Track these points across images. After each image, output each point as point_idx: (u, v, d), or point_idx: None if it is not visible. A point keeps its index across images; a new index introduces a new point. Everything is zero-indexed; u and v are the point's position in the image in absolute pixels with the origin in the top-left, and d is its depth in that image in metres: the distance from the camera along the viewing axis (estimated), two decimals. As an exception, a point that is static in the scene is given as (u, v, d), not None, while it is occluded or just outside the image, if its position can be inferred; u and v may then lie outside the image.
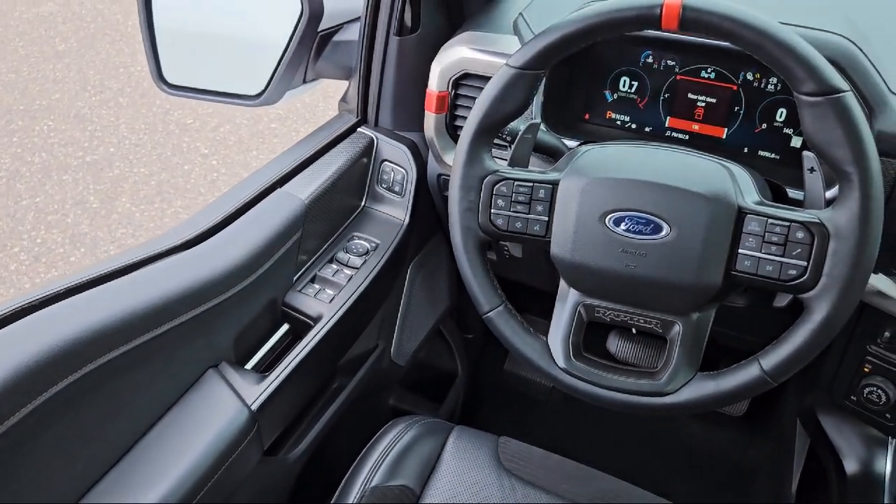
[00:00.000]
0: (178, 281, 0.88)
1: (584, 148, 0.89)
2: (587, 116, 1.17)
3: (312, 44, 1.20)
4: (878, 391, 1.00)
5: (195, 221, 0.99)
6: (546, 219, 0.87)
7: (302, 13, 1.15)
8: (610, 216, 0.83)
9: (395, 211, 1.25)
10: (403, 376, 1.42)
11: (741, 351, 0.95)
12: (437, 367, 1.63)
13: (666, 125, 1.12)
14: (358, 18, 1.22)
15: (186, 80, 1.21)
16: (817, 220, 0.76)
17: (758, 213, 0.78)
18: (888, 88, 0.91)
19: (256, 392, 0.96)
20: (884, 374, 0.99)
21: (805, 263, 0.76)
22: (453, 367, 1.64)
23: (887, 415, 1.01)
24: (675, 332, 0.85)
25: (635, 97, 1.13)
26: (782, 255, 0.77)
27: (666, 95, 1.11)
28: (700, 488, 1.62)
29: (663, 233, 0.81)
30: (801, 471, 1.25)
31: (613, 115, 1.16)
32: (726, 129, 1.09)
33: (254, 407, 0.94)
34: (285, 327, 1.10)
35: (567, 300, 0.89)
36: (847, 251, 0.74)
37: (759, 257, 0.78)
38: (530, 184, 0.87)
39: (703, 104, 1.09)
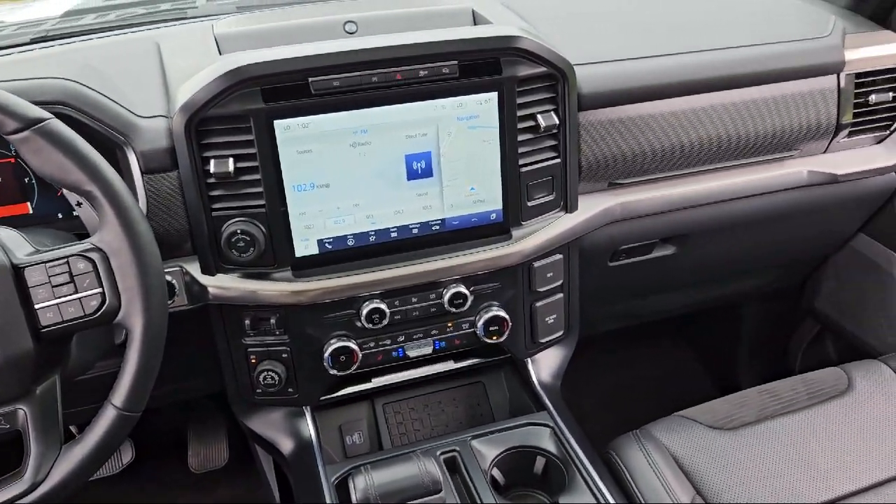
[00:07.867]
0: None
1: None
2: None
3: None
4: (270, 373, 1.06)
5: None
6: None
7: None
8: None
9: None
10: None
11: None
12: None
13: None
14: None
15: None
16: (90, 246, 0.76)
17: (33, 263, 0.75)
18: (135, 115, 0.96)
19: None
20: (266, 356, 1.07)
21: (100, 289, 0.76)
22: None
23: (289, 389, 1.09)
24: (22, 419, 0.77)
25: None
26: (76, 292, 0.75)
27: None
28: None
29: None
30: (275, 478, 1.28)
31: None
32: (30, 203, 1.04)
33: None
34: None
35: None
36: (128, 262, 0.76)
37: (58, 304, 0.75)
38: None
39: None
